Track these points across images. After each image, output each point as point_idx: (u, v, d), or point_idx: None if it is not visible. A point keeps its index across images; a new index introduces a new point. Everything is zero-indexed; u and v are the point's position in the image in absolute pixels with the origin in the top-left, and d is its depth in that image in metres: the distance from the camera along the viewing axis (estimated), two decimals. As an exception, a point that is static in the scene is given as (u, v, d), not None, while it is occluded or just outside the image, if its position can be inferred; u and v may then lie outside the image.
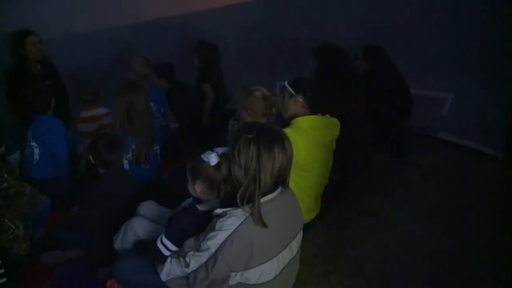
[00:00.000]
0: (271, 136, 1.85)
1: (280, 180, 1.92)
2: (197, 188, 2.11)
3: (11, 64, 3.83)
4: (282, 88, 2.88)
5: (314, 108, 2.81)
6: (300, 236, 2.08)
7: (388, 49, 4.02)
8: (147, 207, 2.55)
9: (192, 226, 2.05)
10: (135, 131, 3.12)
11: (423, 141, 4.33)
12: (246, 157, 1.83)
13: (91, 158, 2.77)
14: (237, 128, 2.87)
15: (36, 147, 3.30)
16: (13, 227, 2.65)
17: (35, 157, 3.31)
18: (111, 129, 3.71)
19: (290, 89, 2.80)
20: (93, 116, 3.90)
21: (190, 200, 2.25)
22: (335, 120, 2.90)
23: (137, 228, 2.37)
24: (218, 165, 2.06)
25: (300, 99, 2.76)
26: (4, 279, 1.96)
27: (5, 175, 2.66)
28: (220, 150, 2.08)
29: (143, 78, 3.84)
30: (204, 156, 2.08)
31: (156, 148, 3.34)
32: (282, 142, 1.86)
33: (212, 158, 2.05)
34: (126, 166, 3.18)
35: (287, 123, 2.79)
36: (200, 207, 2.09)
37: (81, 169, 3.78)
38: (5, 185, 2.65)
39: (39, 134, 3.30)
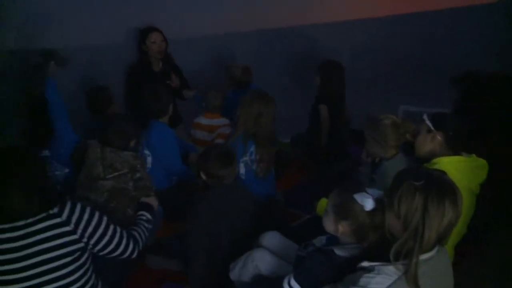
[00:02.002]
0: (442, 187, 1.58)
1: (442, 237, 1.63)
2: (340, 228, 1.87)
3: (135, 61, 3.86)
4: (420, 122, 2.55)
5: (456, 148, 2.45)
6: (448, 301, 1.78)
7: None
8: (270, 238, 2.35)
9: (326, 271, 1.82)
10: (258, 138, 3.02)
11: None
12: (409, 207, 1.57)
13: (200, 172, 2.56)
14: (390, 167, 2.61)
15: (149, 155, 3.17)
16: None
17: (148, 166, 3.13)
18: (225, 140, 3.58)
19: (429, 124, 2.45)
20: (212, 126, 3.78)
21: (323, 239, 2.01)
22: (483, 161, 2.52)
23: (259, 261, 2.19)
24: (373, 211, 1.81)
25: (439, 136, 2.41)
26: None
27: (138, 166, 2.66)
28: (374, 193, 1.82)
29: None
30: (358, 197, 1.82)
31: None
32: (455, 195, 1.58)
33: (369, 203, 1.80)
34: (242, 170, 3.03)
35: (422, 160, 2.46)
36: (338, 252, 1.84)
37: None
38: (138, 175, 2.65)
39: (150, 143, 3.16)
